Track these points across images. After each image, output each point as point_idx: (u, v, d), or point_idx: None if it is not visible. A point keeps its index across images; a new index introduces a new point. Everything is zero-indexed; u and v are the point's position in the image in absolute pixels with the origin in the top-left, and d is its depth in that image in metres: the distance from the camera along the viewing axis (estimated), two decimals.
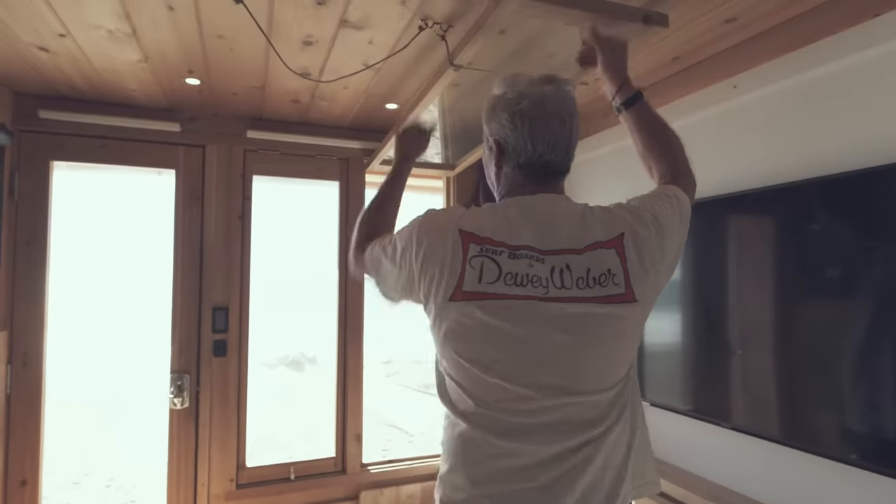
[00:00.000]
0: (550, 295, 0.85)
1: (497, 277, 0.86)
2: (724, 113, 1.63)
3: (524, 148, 0.93)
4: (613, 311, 0.87)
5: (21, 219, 2.00)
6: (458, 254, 0.89)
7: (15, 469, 1.97)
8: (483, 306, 0.86)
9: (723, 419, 1.55)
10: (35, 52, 1.62)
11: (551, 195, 0.95)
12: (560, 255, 0.88)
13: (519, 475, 0.87)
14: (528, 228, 0.90)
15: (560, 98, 0.94)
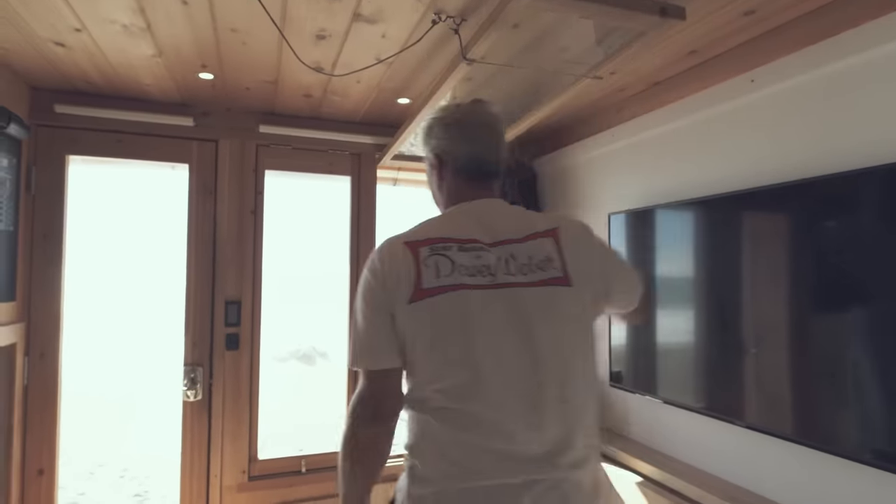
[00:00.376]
0: (499, 281, 0.95)
1: (451, 270, 0.95)
2: (740, 108, 1.61)
3: (460, 151, 1.07)
4: (554, 291, 0.97)
5: (38, 212, 2.02)
6: (410, 262, 0.96)
7: (32, 458, 2.01)
8: (445, 299, 0.93)
9: (737, 417, 1.53)
10: (51, 46, 1.63)
11: (490, 199, 1.07)
12: (504, 246, 0.99)
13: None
14: (473, 225, 1.01)
15: (486, 112, 1.11)
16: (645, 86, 1.91)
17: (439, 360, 0.94)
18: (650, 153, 1.97)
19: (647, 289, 1.24)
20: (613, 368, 2.02)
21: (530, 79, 1.72)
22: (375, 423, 0.98)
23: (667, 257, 1.79)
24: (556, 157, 2.53)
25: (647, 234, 1.87)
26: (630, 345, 1.94)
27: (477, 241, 0.98)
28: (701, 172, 1.75)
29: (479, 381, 0.91)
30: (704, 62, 1.69)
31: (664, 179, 1.90)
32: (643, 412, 1.98)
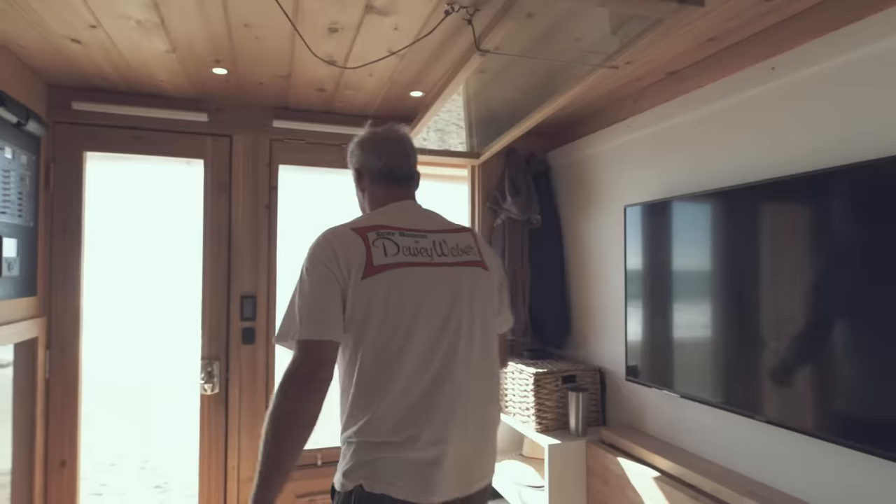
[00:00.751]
0: (434, 261, 1.17)
1: (397, 251, 1.15)
2: (761, 96, 1.57)
3: (375, 162, 1.28)
4: (476, 270, 1.23)
5: (56, 208, 2.05)
6: (360, 244, 1.13)
7: (55, 450, 2.05)
8: (393, 274, 1.12)
9: (755, 412, 1.51)
10: (68, 43, 1.65)
11: (410, 201, 1.29)
12: (436, 233, 1.22)
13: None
14: (406, 217, 1.22)
15: (395, 131, 1.32)
16: (661, 75, 1.87)
17: (391, 326, 1.10)
18: (667, 144, 1.93)
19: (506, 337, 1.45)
20: (629, 363, 2.00)
21: (544, 69, 1.70)
22: (311, 390, 1.04)
23: (684, 249, 1.76)
24: (570, 150, 2.50)
25: (664, 225, 1.85)
26: (646, 339, 1.92)
27: (413, 228, 1.20)
28: (720, 163, 1.71)
29: (416, 340, 1.11)
30: (723, 50, 1.65)
31: (682, 170, 1.87)
32: (660, 407, 1.96)
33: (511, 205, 2.46)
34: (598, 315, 2.33)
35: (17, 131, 1.77)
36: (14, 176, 1.76)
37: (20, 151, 1.80)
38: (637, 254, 1.97)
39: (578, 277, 2.48)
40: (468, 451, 1.13)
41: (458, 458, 1.11)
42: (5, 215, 1.70)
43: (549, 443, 2.03)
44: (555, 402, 2.19)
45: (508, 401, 2.41)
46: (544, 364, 2.32)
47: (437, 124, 2.18)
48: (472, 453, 1.14)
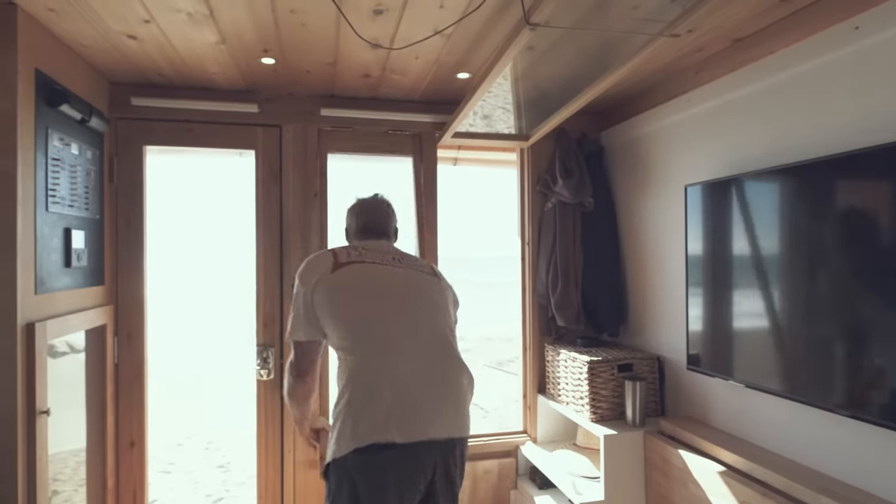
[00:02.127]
0: (391, 264, 1.51)
1: (360, 255, 1.51)
2: (842, 59, 1.43)
3: (355, 223, 1.67)
4: (430, 278, 1.55)
5: (120, 201, 2.14)
6: (329, 255, 1.50)
7: (124, 431, 2.16)
8: (353, 268, 1.46)
9: (831, 403, 1.39)
10: (125, 40, 1.70)
11: (383, 241, 1.65)
12: (398, 258, 1.55)
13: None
14: (373, 247, 1.58)
15: (377, 201, 1.70)
16: (726, 43, 1.74)
17: (354, 306, 1.40)
18: (732, 118, 1.80)
19: None
20: (691, 351, 1.90)
21: (597, 42, 1.61)
22: (300, 378, 1.49)
23: (752, 230, 1.64)
24: (625, 128, 2.39)
25: (728, 205, 1.73)
26: (709, 326, 1.82)
27: (377, 251, 1.55)
28: (792, 136, 1.58)
29: (383, 326, 1.40)
30: (797, 11, 1.51)
31: (749, 146, 1.74)
32: (724, 397, 1.85)
33: (562, 188, 2.38)
34: (656, 301, 2.23)
35: (82, 128, 1.85)
36: (80, 171, 1.85)
37: (85, 147, 1.88)
38: (699, 236, 1.85)
39: (634, 262, 2.37)
40: (422, 397, 1.33)
41: (408, 399, 1.31)
42: (73, 208, 1.79)
43: (604, 433, 1.96)
44: (610, 391, 2.12)
45: (561, 389, 2.35)
46: (598, 352, 2.24)
47: (484, 109, 2.12)
48: (428, 401, 1.33)
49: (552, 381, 2.45)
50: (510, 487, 2.51)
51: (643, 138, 2.28)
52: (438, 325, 1.45)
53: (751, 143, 1.73)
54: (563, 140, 2.47)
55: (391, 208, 1.70)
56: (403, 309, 1.42)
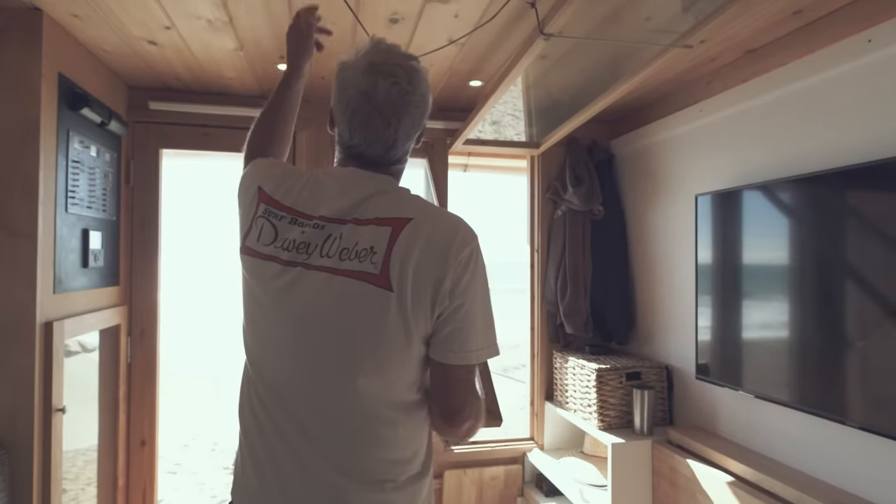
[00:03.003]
0: (310, 262, 0.83)
1: (271, 241, 0.87)
2: (855, 72, 1.44)
3: (343, 131, 0.91)
4: (362, 288, 0.80)
5: (136, 203, 2.18)
6: (252, 210, 0.91)
7: (136, 430, 2.18)
8: (252, 264, 0.88)
9: (842, 415, 1.39)
10: (145, 46, 1.73)
11: (366, 171, 0.90)
12: (338, 224, 0.85)
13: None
14: (324, 199, 0.87)
15: (394, 96, 0.86)
16: (739, 53, 1.75)
17: (247, 328, 0.91)
18: (744, 128, 1.81)
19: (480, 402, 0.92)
20: (700, 360, 1.90)
21: (609, 52, 1.62)
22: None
23: (763, 240, 1.64)
24: (636, 137, 2.40)
25: (740, 215, 1.73)
26: (719, 336, 1.82)
27: (310, 215, 0.86)
28: (804, 147, 1.58)
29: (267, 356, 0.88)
30: (811, 23, 1.52)
31: (760, 156, 1.74)
32: (733, 408, 1.85)
33: (572, 195, 2.39)
34: (665, 310, 2.23)
35: (101, 131, 1.88)
36: (99, 173, 1.88)
37: (104, 149, 1.92)
38: (709, 245, 1.86)
39: (644, 270, 2.38)
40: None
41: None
42: (91, 209, 1.82)
43: (612, 441, 1.96)
44: (618, 399, 2.12)
45: (568, 396, 2.35)
46: (607, 360, 2.24)
47: (493, 115, 2.14)
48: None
49: (560, 389, 2.46)
50: (516, 494, 2.51)
51: (654, 147, 2.29)
52: (346, 391, 0.82)
53: (763, 154, 1.74)
54: (573, 148, 2.48)
55: (409, 99, 0.87)
56: (299, 355, 0.83)
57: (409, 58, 0.90)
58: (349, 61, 0.90)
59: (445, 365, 0.85)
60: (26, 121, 1.49)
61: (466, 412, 0.87)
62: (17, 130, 1.48)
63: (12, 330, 1.47)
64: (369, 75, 0.86)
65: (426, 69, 0.91)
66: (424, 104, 0.90)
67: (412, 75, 0.88)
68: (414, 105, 0.88)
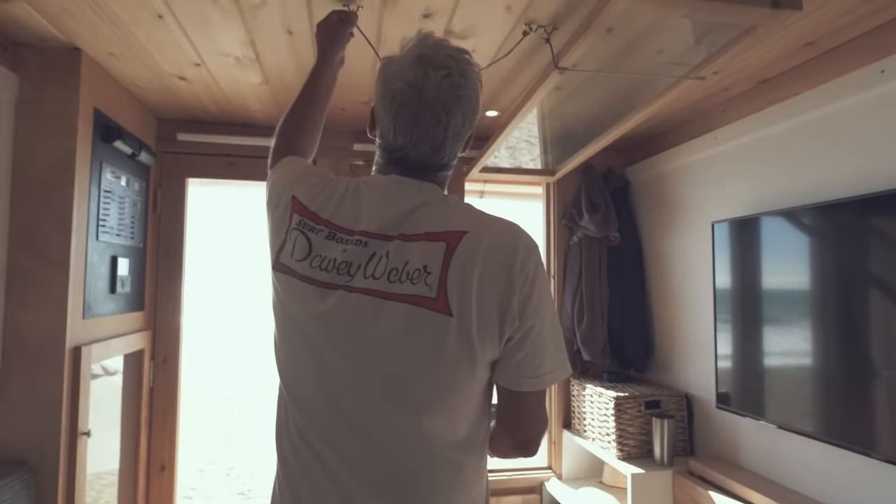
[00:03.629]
0: (354, 284, 0.75)
1: (305, 256, 0.78)
2: (869, 101, 1.45)
3: (387, 132, 0.83)
4: (419, 313, 0.72)
5: (162, 230, 2.24)
6: (285, 221, 0.83)
7: (156, 455, 2.20)
8: (288, 283, 0.79)
9: (868, 447, 1.36)
10: (175, 81, 1.81)
11: (409, 179, 0.82)
12: (388, 242, 0.76)
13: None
14: (366, 211, 0.79)
15: (445, 89, 0.78)
16: (752, 83, 1.77)
17: (282, 350, 0.83)
18: (759, 156, 1.82)
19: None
20: (720, 389, 1.87)
21: (624, 83, 1.66)
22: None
23: (781, 267, 1.64)
24: (651, 164, 2.41)
25: (758, 242, 1.73)
26: (739, 364, 1.79)
27: (352, 230, 0.78)
28: (820, 175, 1.59)
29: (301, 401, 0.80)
30: (823, 54, 1.54)
31: (776, 184, 1.75)
32: (755, 438, 1.82)
33: (588, 222, 2.40)
34: (683, 337, 2.21)
35: (132, 161, 1.96)
36: (128, 201, 1.95)
37: (133, 179, 1.99)
38: (727, 272, 1.85)
39: (661, 297, 2.37)
40: None
41: None
42: (120, 237, 1.88)
43: (632, 471, 1.93)
44: (637, 428, 2.09)
45: (587, 424, 2.32)
46: (625, 387, 2.22)
47: (508, 141, 2.18)
48: None
49: (577, 416, 2.43)
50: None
51: (669, 174, 2.30)
52: (416, 432, 0.75)
53: (777, 182, 1.74)
54: (589, 175, 2.51)
55: (462, 94, 0.79)
56: (354, 388, 0.75)
57: (461, 51, 0.82)
58: (395, 56, 0.83)
59: (517, 392, 0.78)
60: (63, 153, 1.56)
61: (539, 439, 0.82)
62: (55, 162, 1.55)
63: (43, 354, 1.52)
64: (419, 66, 0.78)
65: (478, 65, 0.84)
66: (477, 101, 0.83)
67: (465, 68, 0.80)
68: (467, 100, 0.80)
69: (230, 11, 1.35)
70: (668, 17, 1.27)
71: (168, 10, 1.34)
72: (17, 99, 1.54)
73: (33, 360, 1.51)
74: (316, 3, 1.31)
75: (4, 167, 1.51)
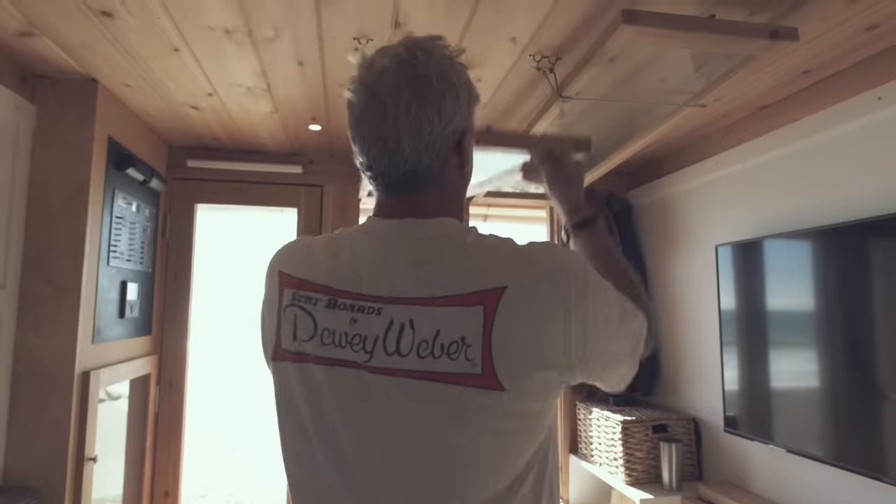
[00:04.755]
0: (374, 364, 0.61)
1: (312, 335, 0.65)
2: (866, 128, 1.48)
3: (357, 153, 0.68)
4: (463, 394, 0.59)
5: (170, 255, 2.27)
6: (275, 302, 0.70)
7: (160, 480, 2.19)
8: (301, 370, 0.65)
9: (879, 472, 1.35)
10: (188, 110, 1.86)
11: (411, 220, 0.66)
12: (406, 306, 0.61)
13: None
14: (365, 267, 0.65)
15: (390, 71, 0.63)
16: (751, 110, 1.81)
17: (291, 451, 0.69)
18: (760, 180, 1.85)
19: (649, 330, 0.79)
20: (728, 413, 1.87)
21: (626, 110, 1.69)
22: None
23: (786, 289, 1.65)
24: (654, 188, 2.44)
25: (762, 266, 1.74)
26: (747, 388, 1.79)
27: (359, 294, 0.64)
28: (822, 199, 1.61)
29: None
30: (820, 82, 1.58)
31: (779, 207, 1.77)
32: (765, 462, 1.80)
33: None
34: (689, 360, 2.21)
35: (143, 188, 1.99)
36: (138, 227, 1.98)
37: (144, 205, 2.02)
38: (731, 295, 1.86)
39: (666, 320, 2.37)
40: None
41: None
42: (130, 262, 1.91)
43: (640, 497, 1.91)
44: (645, 452, 2.07)
45: (594, 449, 2.30)
46: (632, 411, 2.21)
47: None
48: None
49: (584, 441, 2.41)
50: None
51: (672, 198, 2.33)
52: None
53: (779, 205, 1.76)
54: (591, 198, 2.54)
55: (416, 74, 0.63)
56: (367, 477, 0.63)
57: (431, 39, 0.66)
58: (352, 83, 0.68)
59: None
60: (78, 181, 1.60)
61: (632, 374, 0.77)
62: (69, 190, 1.59)
63: (52, 379, 1.53)
64: (372, 61, 0.65)
65: (456, 52, 0.67)
66: (448, 81, 0.64)
67: (423, 48, 0.64)
68: (424, 80, 0.62)
69: (244, 45, 1.39)
70: (668, 48, 1.31)
71: (184, 44, 1.39)
72: (35, 128, 1.58)
73: (43, 385, 1.52)
74: (327, 36, 1.35)
75: (20, 194, 1.54)
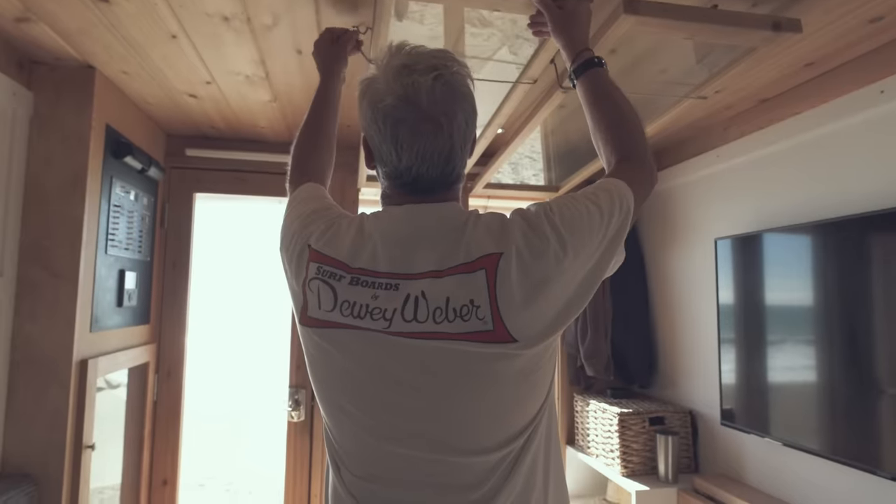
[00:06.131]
0: (393, 329, 0.70)
1: (333, 306, 0.73)
2: (869, 121, 1.47)
3: (389, 157, 0.75)
4: (480, 350, 0.68)
5: (169, 245, 2.26)
6: (302, 272, 0.78)
7: (158, 469, 2.20)
8: (325, 335, 0.74)
9: (875, 466, 1.35)
10: (186, 98, 1.85)
11: (424, 205, 0.76)
12: (418, 280, 0.71)
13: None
14: (384, 249, 0.74)
15: (439, 91, 0.72)
16: (753, 103, 1.80)
17: (329, 407, 0.79)
18: (762, 173, 1.84)
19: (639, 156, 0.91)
20: (725, 406, 1.87)
21: None
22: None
23: (785, 283, 1.65)
24: None
25: (761, 259, 1.74)
26: (744, 381, 1.79)
27: (377, 272, 0.73)
28: (824, 192, 1.60)
29: (366, 447, 0.75)
30: (823, 74, 1.57)
31: (779, 201, 1.77)
32: (761, 455, 1.81)
33: None
34: (687, 353, 2.21)
35: (141, 177, 1.99)
36: (137, 216, 1.97)
37: (142, 194, 2.02)
38: (730, 288, 1.86)
39: (664, 313, 2.37)
40: None
41: None
42: (128, 251, 1.90)
43: (636, 489, 1.92)
44: (641, 444, 2.08)
45: (590, 441, 2.31)
46: (629, 403, 2.21)
47: (511, 157, 2.21)
48: None
49: (581, 433, 2.42)
50: None
51: (672, 191, 2.32)
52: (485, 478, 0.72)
53: (780, 199, 1.76)
54: None
55: (457, 92, 0.75)
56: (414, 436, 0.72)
57: (442, 51, 0.77)
58: (374, 75, 0.77)
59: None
60: (75, 169, 1.59)
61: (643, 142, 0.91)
62: (67, 177, 1.58)
63: (50, 367, 1.53)
64: (405, 76, 0.72)
65: (465, 63, 0.78)
66: (472, 98, 0.77)
67: (453, 65, 0.75)
68: (463, 97, 0.75)
69: (242, 32, 1.38)
70: (670, 38, 1.30)
71: (181, 31, 1.38)
72: (31, 115, 1.57)
73: (41, 373, 1.52)
74: (325, 23, 1.34)
75: (17, 182, 1.53)
